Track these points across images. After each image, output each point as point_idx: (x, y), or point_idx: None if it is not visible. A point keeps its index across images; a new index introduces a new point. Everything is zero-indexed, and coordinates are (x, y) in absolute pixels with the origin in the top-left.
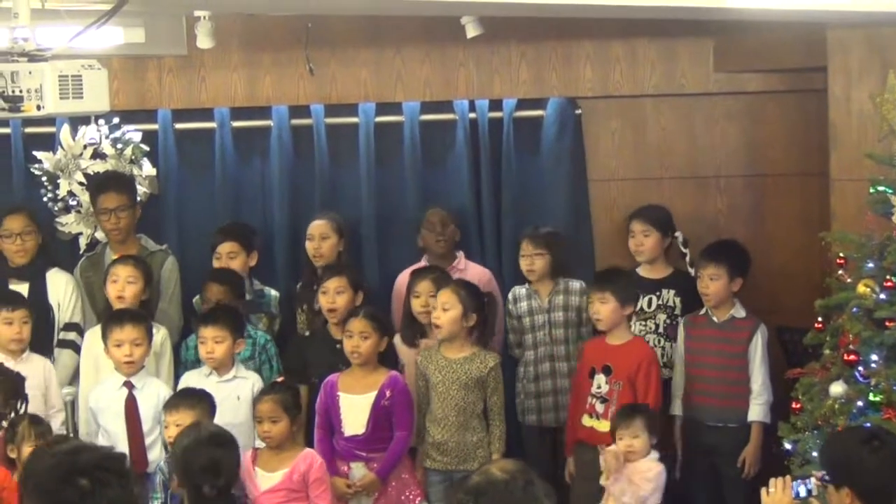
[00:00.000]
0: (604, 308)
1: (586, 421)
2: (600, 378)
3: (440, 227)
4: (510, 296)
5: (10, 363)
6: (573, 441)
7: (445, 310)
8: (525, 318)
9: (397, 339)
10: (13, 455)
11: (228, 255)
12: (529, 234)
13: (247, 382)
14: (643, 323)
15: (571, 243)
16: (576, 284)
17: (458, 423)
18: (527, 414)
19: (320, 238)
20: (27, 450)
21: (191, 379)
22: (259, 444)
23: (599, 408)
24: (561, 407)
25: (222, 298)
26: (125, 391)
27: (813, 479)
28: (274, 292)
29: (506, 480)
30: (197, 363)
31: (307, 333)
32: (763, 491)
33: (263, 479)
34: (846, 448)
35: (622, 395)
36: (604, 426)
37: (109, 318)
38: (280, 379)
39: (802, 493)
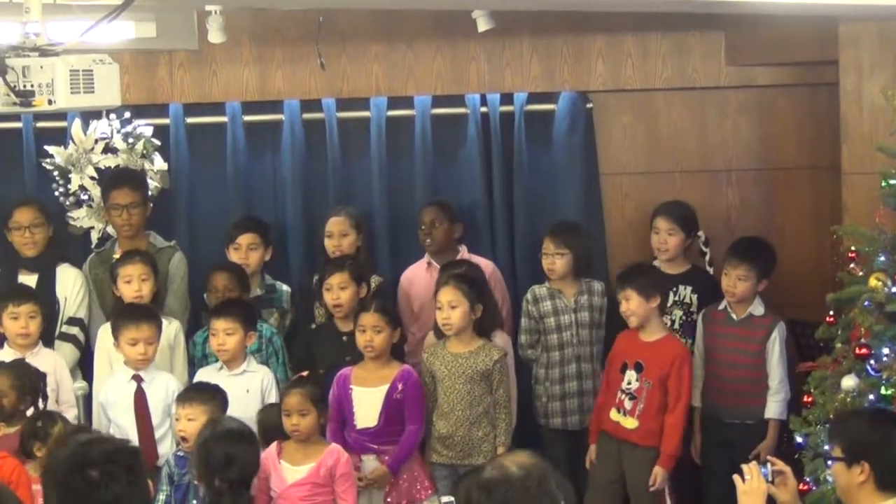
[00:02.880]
0: (630, 305)
1: (613, 415)
2: (631, 374)
3: (428, 228)
4: (529, 296)
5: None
6: (598, 429)
7: (453, 307)
8: (549, 319)
9: (430, 336)
10: (40, 454)
11: (249, 247)
12: (550, 232)
13: (256, 376)
14: None
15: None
16: (597, 285)
17: (465, 417)
18: (550, 417)
19: (340, 235)
20: None
21: (203, 375)
22: None
23: (628, 404)
24: (587, 409)
25: (229, 286)
26: (134, 385)
27: (769, 465)
28: (285, 287)
29: (521, 477)
30: (203, 360)
31: (313, 326)
32: (737, 479)
33: (289, 472)
34: (871, 425)
35: (651, 395)
36: (630, 423)
37: (123, 315)
38: (306, 373)
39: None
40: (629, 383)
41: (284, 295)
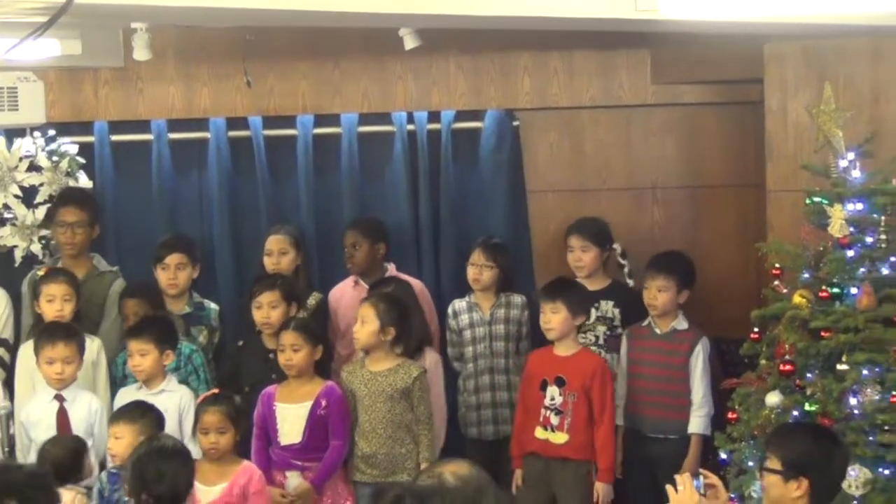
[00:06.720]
0: (555, 318)
1: (539, 433)
2: (553, 390)
3: (349, 250)
4: (450, 310)
5: None
6: (521, 453)
7: (363, 323)
8: (466, 331)
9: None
10: None
11: (177, 266)
12: (482, 244)
13: (174, 395)
14: (583, 335)
15: (510, 254)
16: (517, 298)
17: (387, 435)
18: (468, 427)
19: (279, 254)
20: None
21: (123, 395)
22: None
23: (554, 420)
24: (501, 420)
25: (139, 312)
26: (56, 404)
27: (701, 477)
28: (214, 305)
29: (457, 487)
30: (124, 380)
31: (240, 343)
32: (670, 489)
33: (202, 492)
34: (816, 442)
35: (577, 407)
36: (560, 438)
37: (41, 333)
38: (216, 391)
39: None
40: (552, 399)
41: (213, 313)
